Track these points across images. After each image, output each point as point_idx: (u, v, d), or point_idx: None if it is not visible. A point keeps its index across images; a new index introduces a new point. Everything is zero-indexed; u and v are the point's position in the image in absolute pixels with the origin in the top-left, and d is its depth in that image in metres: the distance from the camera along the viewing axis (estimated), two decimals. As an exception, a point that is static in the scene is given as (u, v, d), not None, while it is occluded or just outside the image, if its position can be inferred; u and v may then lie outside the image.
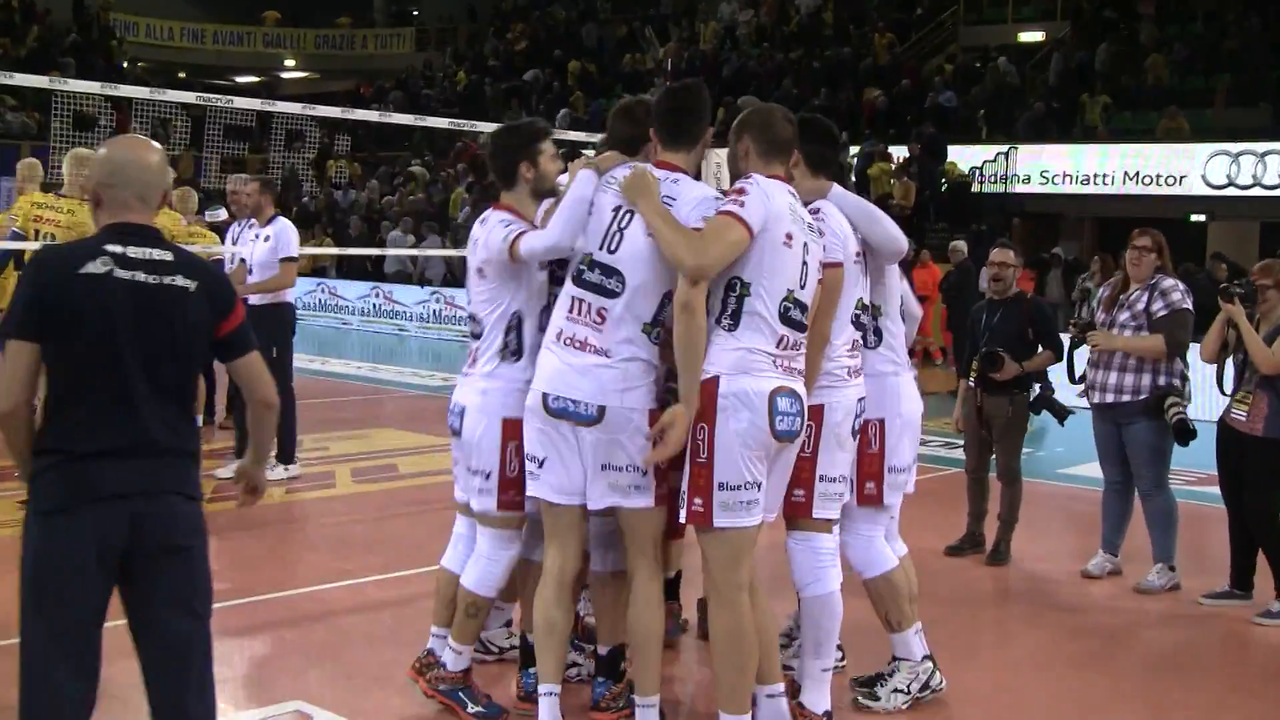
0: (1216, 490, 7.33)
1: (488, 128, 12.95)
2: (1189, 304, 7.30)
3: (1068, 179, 22.65)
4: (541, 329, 4.93)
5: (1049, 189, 22.99)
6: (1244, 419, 6.93)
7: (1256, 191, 20.79)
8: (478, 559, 5.16)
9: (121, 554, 3.60)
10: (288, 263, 9.47)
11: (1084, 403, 7.73)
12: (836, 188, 5.26)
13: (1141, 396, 7.32)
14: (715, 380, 4.53)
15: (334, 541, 8.26)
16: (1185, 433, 7.09)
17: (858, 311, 5.18)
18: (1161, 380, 7.30)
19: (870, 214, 5.28)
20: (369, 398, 15.48)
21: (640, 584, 4.81)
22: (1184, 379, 7.40)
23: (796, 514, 5.06)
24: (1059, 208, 23.84)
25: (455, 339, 21.48)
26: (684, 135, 4.85)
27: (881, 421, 5.34)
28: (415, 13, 44.73)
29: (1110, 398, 7.44)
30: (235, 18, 42.38)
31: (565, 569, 4.89)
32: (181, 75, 40.13)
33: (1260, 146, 20.84)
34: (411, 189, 28.64)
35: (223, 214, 11.56)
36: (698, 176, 5.03)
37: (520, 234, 4.84)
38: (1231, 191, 21.00)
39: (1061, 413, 7.84)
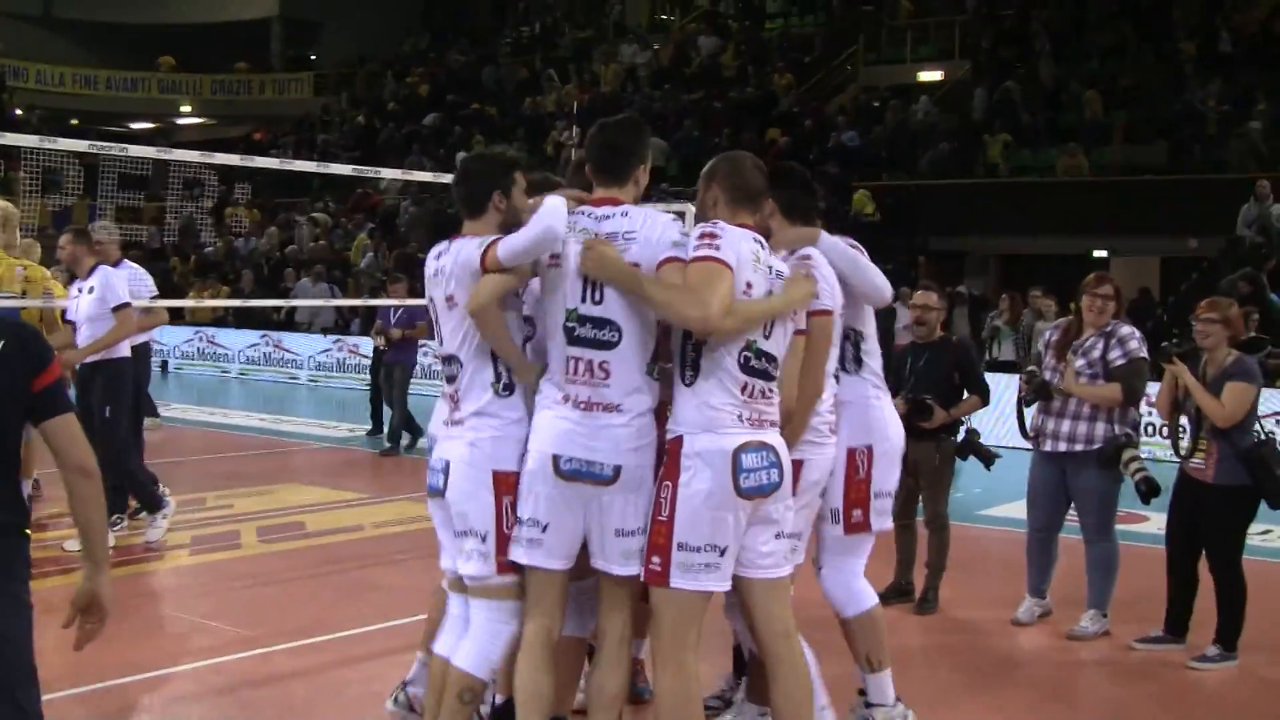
0: (1135, 529, 7.23)
1: (390, 173, 12.84)
2: (1144, 352, 7.21)
3: (970, 217, 22.78)
4: (532, 356, 4.69)
5: (952, 227, 23.13)
6: (1202, 466, 6.87)
7: (1155, 226, 21.06)
8: (475, 636, 4.68)
9: None
10: (121, 310, 8.78)
11: (1008, 444, 7.65)
12: (825, 235, 5.15)
13: (1095, 446, 7.20)
14: (679, 440, 4.45)
15: (240, 607, 7.89)
16: (1152, 491, 6.98)
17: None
18: (1116, 429, 7.20)
19: (856, 262, 5.20)
20: (272, 451, 15.05)
21: (613, 644, 4.62)
22: (1136, 427, 7.32)
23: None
24: (962, 246, 23.99)
25: (357, 387, 21.01)
26: (616, 169, 4.68)
27: (869, 448, 5.27)
28: (313, 57, 44.32)
29: (1063, 446, 7.31)
30: (129, 64, 41.69)
31: (551, 631, 4.63)
32: (74, 122, 39.35)
33: (1157, 182, 21.14)
34: (316, 235, 28.16)
35: None
36: None
37: (492, 242, 4.54)
38: (1131, 226, 21.23)
39: (989, 457, 7.75)
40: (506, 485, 4.57)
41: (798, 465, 4.83)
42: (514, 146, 29.40)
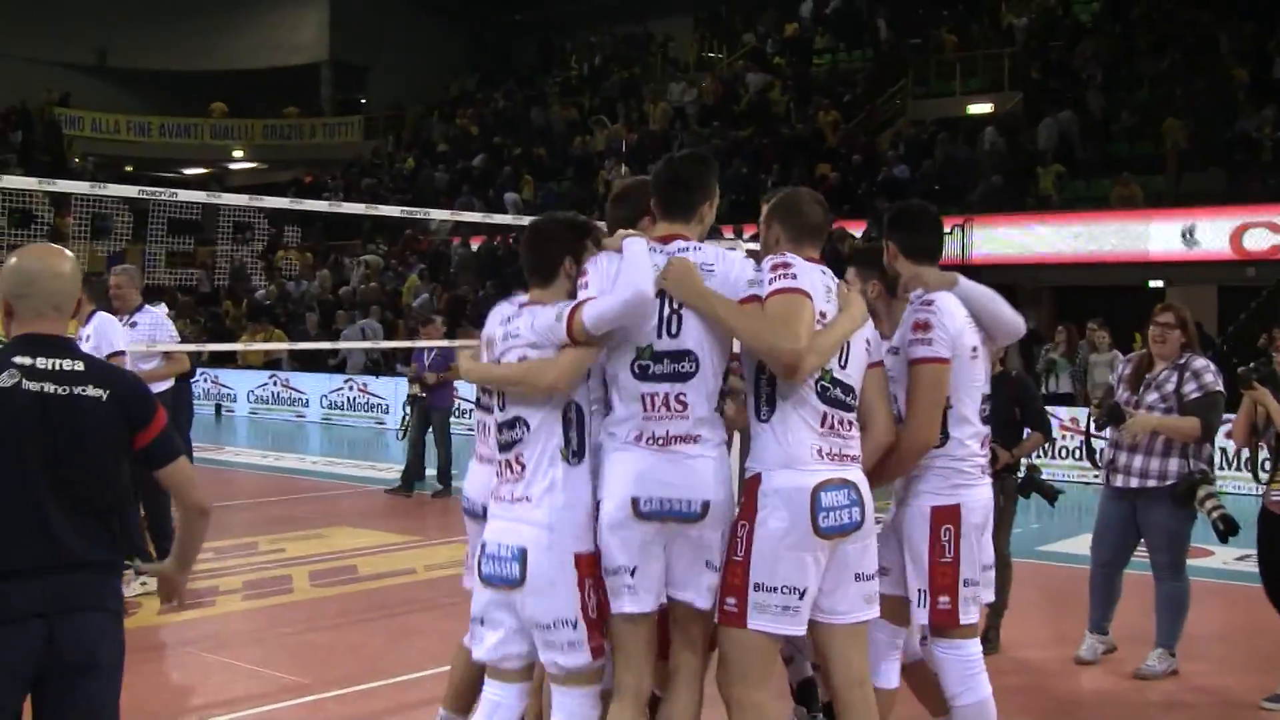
0: (1201, 563, 7.01)
1: (440, 214, 12.89)
2: (1220, 385, 7.02)
3: (1024, 249, 22.57)
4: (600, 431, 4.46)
5: (1005, 259, 22.92)
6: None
7: (1211, 255, 20.79)
8: None
9: (35, 674, 3.53)
10: (117, 359, 8.07)
11: (1069, 478, 7.49)
12: (964, 280, 5.03)
13: (1168, 482, 7.03)
14: (757, 478, 4.34)
15: (291, 653, 7.83)
16: (1230, 529, 6.75)
17: (983, 407, 4.95)
18: (1190, 465, 7.02)
19: (994, 299, 5.08)
20: (325, 494, 15.03)
21: (687, 679, 4.47)
22: (1210, 462, 7.14)
23: (945, 623, 4.80)
24: (1015, 278, 23.75)
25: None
26: (683, 205, 4.55)
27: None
28: (362, 101, 44.68)
29: (1135, 482, 7.15)
30: (181, 110, 42.15)
31: (643, 687, 4.44)
32: (129, 169, 39.82)
33: (1212, 210, 20.88)
34: (367, 277, 28.28)
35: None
36: None
37: (575, 308, 4.29)
38: (1187, 256, 20.97)
39: (1051, 494, 7.57)
40: (589, 567, 4.31)
41: (955, 510, 4.76)
42: (563, 186, 29.57)
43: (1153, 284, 22.34)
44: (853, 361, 4.46)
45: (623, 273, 4.28)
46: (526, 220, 10.99)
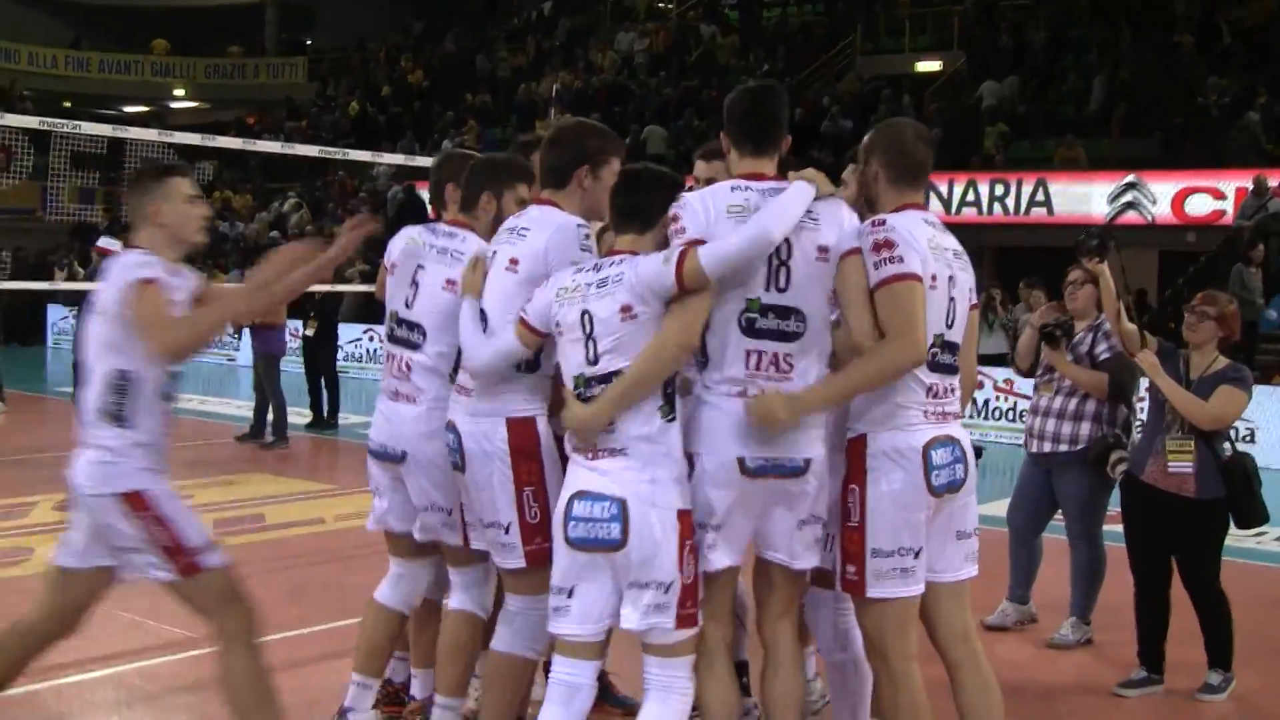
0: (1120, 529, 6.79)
1: (391, 158, 12.54)
2: None
3: (966, 208, 22.40)
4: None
5: (946, 219, 22.74)
6: (1190, 470, 6.14)
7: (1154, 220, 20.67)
8: (667, 707, 4.14)
9: None
10: None
11: (992, 438, 7.32)
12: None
13: (1079, 447, 6.88)
14: (862, 439, 4.22)
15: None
16: None
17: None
18: (1104, 429, 6.85)
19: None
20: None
21: (788, 647, 4.39)
22: (1126, 428, 6.95)
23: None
24: (957, 238, 23.59)
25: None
26: (768, 139, 4.33)
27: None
28: (308, 42, 43.96)
29: (1048, 447, 7.01)
30: (122, 46, 41.30)
31: (728, 637, 4.37)
32: (67, 104, 39.01)
33: (1154, 175, 20.77)
34: (302, 220, 27.81)
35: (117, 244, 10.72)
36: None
37: (685, 249, 4.04)
38: (1128, 219, 20.84)
39: (975, 450, 7.38)
40: (688, 527, 4.10)
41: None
42: (506, 133, 29.17)
43: (1093, 247, 22.26)
44: (959, 319, 4.33)
45: (766, 211, 4.06)
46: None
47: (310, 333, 14.18)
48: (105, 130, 9.47)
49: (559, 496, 4.23)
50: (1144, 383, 6.58)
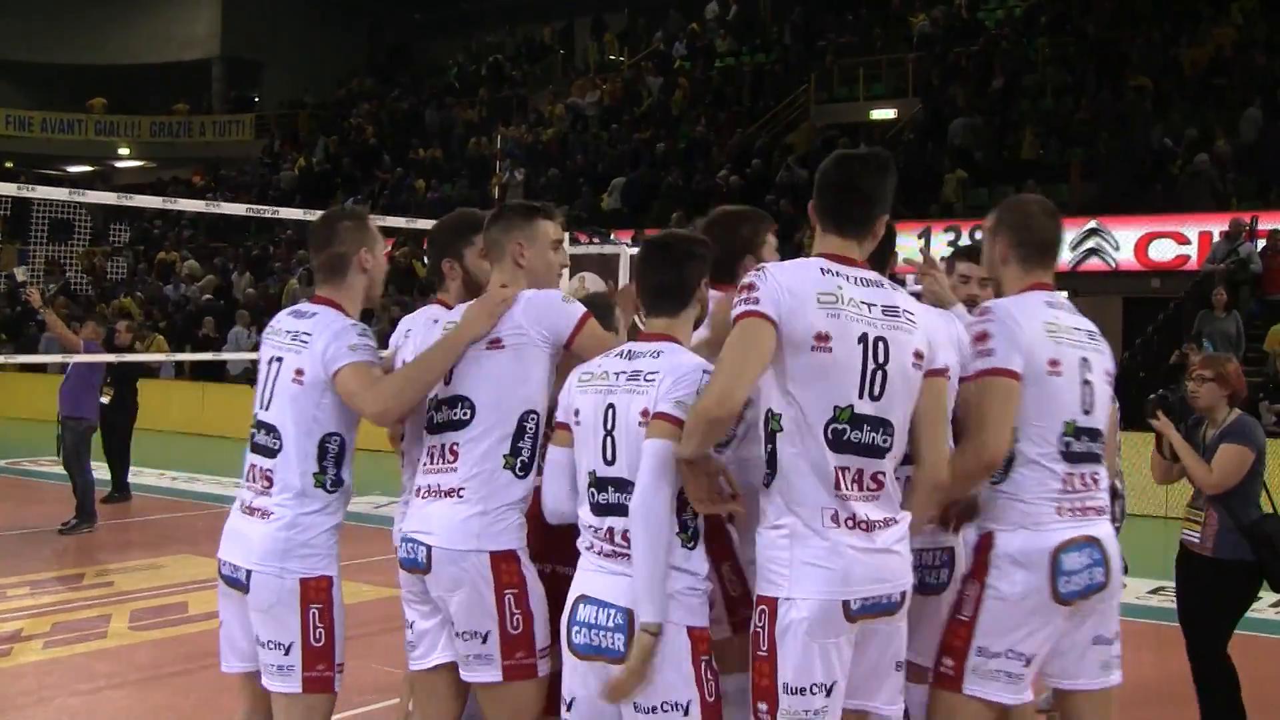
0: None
1: (291, 213, 11.89)
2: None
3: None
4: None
5: (907, 270, 22.30)
6: (1196, 540, 5.98)
7: (1117, 266, 20.32)
8: None
9: None
10: None
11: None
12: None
13: None
14: (990, 537, 3.86)
15: (73, 716, 6.82)
16: None
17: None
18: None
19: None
20: (179, 515, 13.82)
21: None
22: (1114, 494, 6.39)
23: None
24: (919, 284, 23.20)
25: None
26: (864, 220, 3.67)
27: None
28: (256, 99, 43.40)
29: None
30: (63, 105, 40.59)
31: None
32: (8, 165, 38.28)
33: (1117, 220, 20.40)
34: (251, 282, 27.09)
35: None
36: None
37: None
38: (1091, 266, 20.47)
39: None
40: (704, 644, 3.57)
41: None
42: (456, 188, 28.63)
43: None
44: (1098, 403, 3.94)
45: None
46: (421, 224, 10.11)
47: (106, 400, 13.21)
48: (10, 190, 8.81)
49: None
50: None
